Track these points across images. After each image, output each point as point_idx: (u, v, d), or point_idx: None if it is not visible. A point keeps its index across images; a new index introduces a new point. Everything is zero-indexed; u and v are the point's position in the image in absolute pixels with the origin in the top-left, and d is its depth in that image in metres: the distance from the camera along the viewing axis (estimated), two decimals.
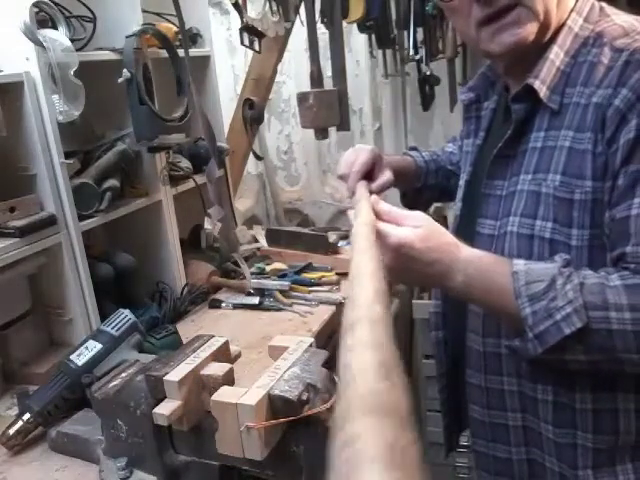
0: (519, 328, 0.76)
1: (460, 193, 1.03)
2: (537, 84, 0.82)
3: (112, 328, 1.16)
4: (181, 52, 1.62)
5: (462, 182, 1.03)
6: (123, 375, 1.01)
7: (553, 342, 0.73)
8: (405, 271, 0.78)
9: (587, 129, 0.78)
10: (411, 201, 1.24)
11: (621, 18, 0.83)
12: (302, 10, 1.86)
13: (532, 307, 0.74)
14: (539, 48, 0.84)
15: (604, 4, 0.86)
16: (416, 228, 0.77)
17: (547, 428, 0.87)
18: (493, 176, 0.91)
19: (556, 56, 0.83)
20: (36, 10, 1.27)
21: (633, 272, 0.74)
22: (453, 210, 1.08)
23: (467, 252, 0.79)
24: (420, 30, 2.13)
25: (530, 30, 0.80)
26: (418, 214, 0.79)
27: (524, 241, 0.83)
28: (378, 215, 0.79)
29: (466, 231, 0.93)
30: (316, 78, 1.87)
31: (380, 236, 0.75)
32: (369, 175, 1.01)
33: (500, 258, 0.81)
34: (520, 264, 0.77)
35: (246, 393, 0.80)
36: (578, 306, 0.71)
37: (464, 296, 0.82)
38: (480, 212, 0.92)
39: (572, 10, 0.84)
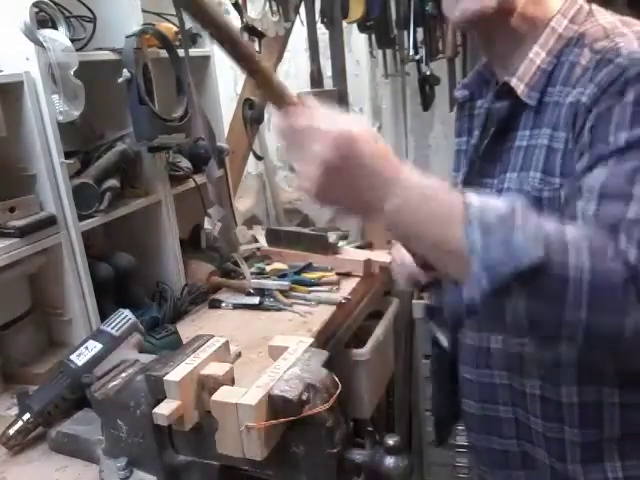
0: (461, 269, 0.62)
1: None
2: (514, 81, 0.84)
3: (112, 328, 1.16)
4: (181, 52, 1.62)
5: (457, 181, 1.02)
6: (123, 375, 1.01)
7: (506, 275, 0.59)
8: (339, 177, 0.63)
9: (561, 128, 0.80)
10: None
11: (606, 19, 0.84)
12: (302, 10, 1.86)
13: (485, 239, 0.60)
14: (514, 38, 0.86)
15: (595, 6, 0.87)
16: (359, 126, 0.63)
17: (536, 422, 0.89)
18: (483, 174, 0.92)
19: (536, 55, 0.84)
20: (36, 10, 1.27)
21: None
22: None
23: (410, 173, 0.65)
24: (420, 30, 2.13)
25: (486, 5, 0.81)
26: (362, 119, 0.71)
27: None
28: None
29: None
30: (316, 78, 1.88)
31: (321, 124, 0.63)
32: None
33: (446, 185, 0.67)
34: (474, 197, 0.64)
35: (246, 393, 0.80)
36: (540, 236, 0.60)
37: (395, 225, 0.66)
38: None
39: (558, 11, 0.86)
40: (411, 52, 2.16)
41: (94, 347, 1.13)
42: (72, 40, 1.33)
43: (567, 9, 0.86)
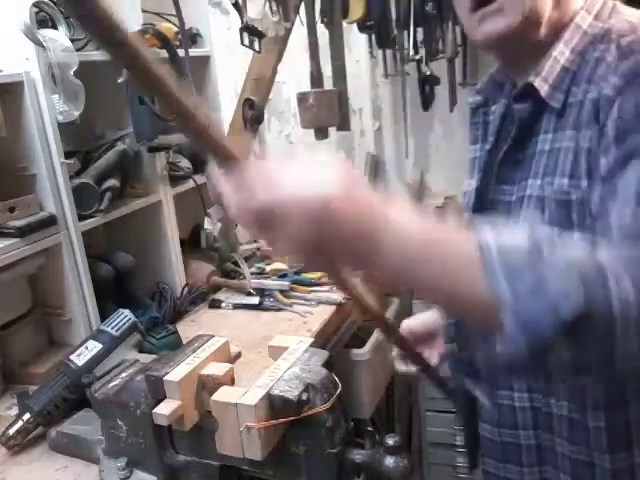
0: (489, 322, 0.54)
1: (469, 200, 0.96)
2: (538, 82, 0.80)
3: (112, 328, 1.16)
4: (181, 52, 1.62)
5: (470, 189, 0.97)
6: (123, 375, 1.01)
7: (549, 328, 0.52)
8: (321, 250, 0.54)
9: (585, 126, 0.75)
10: None
11: (633, 14, 0.80)
12: (302, 10, 1.86)
13: (512, 284, 0.52)
14: (539, 46, 0.81)
15: (617, 2, 0.83)
16: (329, 179, 0.53)
17: (562, 444, 0.83)
18: (501, 181, 0.86)
19: (560, 54, 0.80)
20: (36, 10, 1.27)
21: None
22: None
23: (402, 216, 0.56)
24: (420, 30, 2.13)
25: (512, 21, 0.77)
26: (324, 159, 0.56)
27: None
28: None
29: None
30: (316, 78, 1.87)
31: (274, 207, 0.52)
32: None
33: (451, 226, 0.58)
34: (486, 228, 0.56)
35: (246, 393, 0.80)
36: (573, 271, 0.52)
37: (399, 267, 0.56)
38: (487, 219, 0.86)
39: (581, 8, 0.81)
40: (411, 52, 2.16)
41: (94, 347, 1.13)
42: (72, 40, 1.33)
43: (591, 5, 0.81)
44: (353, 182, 0.54)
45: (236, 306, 1.69)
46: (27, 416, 1.09)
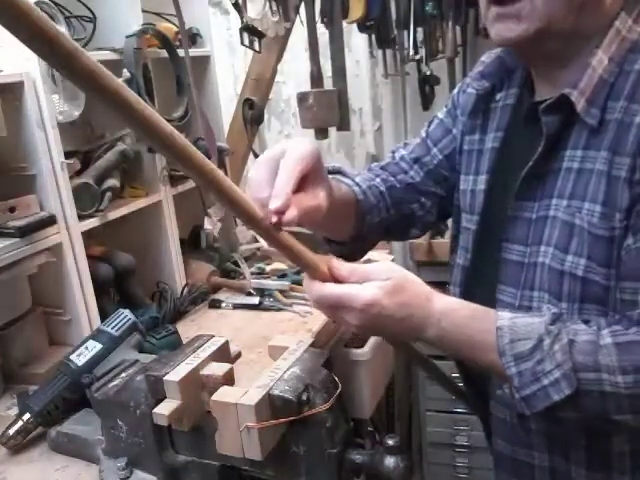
0: (502, 378, 0.71)
1: (475, 202, 0.91)
2: (575, 95, 0.72)
3: (112, 328, 1.16)
4: (181, 52, 1.62)
5: (475, 188, 0.91)
6: (123, 375, 1.01)
7: (541, 407, 0.67)
8: (376, 329, 0.72)
9: (626, 154, 0.68)
10: (349, 251, 0.95)
11: None
12: (302, 10, 1.86)
13: (518, 367, 0.67)
14: (572, 52, 0.75)
15: None
16: (384, 282, 0.68)
17: (580, 472, 0.81)
18: (522, 197, 0.80)
19: (599, 63, 0.72)
20: None
21: (626, 326, 0.67)
22: (462, 226, 0.95)
23: (441, 304, 0.71)
24: (420, 30, 2.13)
25: (527, 29, 0.72)
26: (383, 266, 0.70)
27: (555, 276, 0.75)
28: (338, 279, 0.69)
29: (487, 253, 0.86)
30: (316, 78, 1.87)
31: (344, 300, 0.67)
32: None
33: (479, 309, 0.72)
34: (505, 318, 0.69)
35: (246, 393, 0.80)
36: (567, 370, 0.65)
37: (441, 348, 0.73)
38: (506, 235, 0.82)
39: (622, 9, 0.73)
40: (411, 52, 2.16)
41: (94, 347, 1.13)
42: None
43: (631, 7, 0.73)
44: (402, 285, 0.70)
45: (236, 306, 1.69)
46: (27, 416, 1.09)
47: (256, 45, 1.85)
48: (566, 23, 0.72)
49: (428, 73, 2.22)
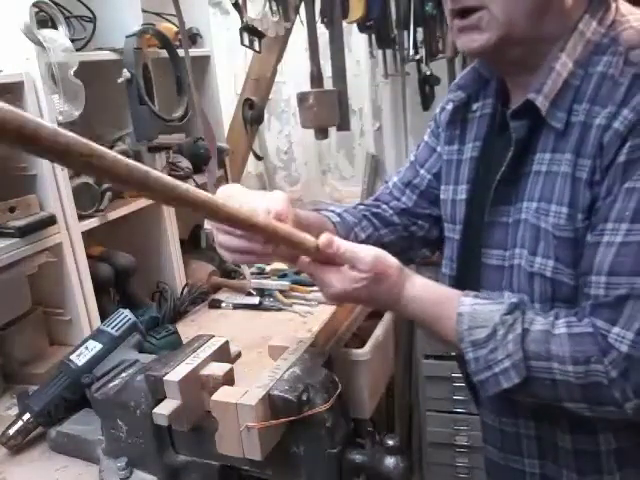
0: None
1: (457, 213, 0.92)
2: (540, 100, 0.73)
3: (112, 328, 1.16)
4: (181, 52, 1.62)
5: (455, 199, 0.92)
6: (123, 375, 1.01)
7: (493, 392, 0.73)
8: (356, 300, 0.82)
9: (587, 155, 0.70)
10: None
11: (638, 19, 0.73)
12: (302, 10, 1.86)
13: (475, 353, 0.74)
14: (538, 58, 0.76)
15: (620, 1, 0.76)
16: (365, 275, 0.77)
17: (571, 476, 0.83)
18: (497, 202, 0.82)
19: (563, 66, 0.73)
20: (36, 10, 1.27)
21: (580, 318, 0.70)
22: (446, 236, 0.97)
23: (409, 293, 0.79)
24: (420, 30, 2.13)
25: (489, 38, 0.73)
26: (369, 256, 0.77)
27: (527, 277, 0.77)
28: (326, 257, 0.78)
29: (470, 261, 0.88)
30: (316, 78, 1.87)
31: (325, 283, 0.79)
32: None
33: (443, 296, 0.80)
34: (466, 304, 0.76)
35: (246, 393, 0.80)
36: (517, 360, 0.71)
37: (406, 316, 0.83)
38: (485, 241, 0.84)
39: (585, 11, 0.74)
40: (411, 52, 2.16)
41: (94, 347, 1.13)
42: (72, 40, 1.33)
43: (595, 8, 0.73)
44: (379, 278, 0.78)
45: (236, 306, 1.69)
46: (27, 416, 1.09)
47: (256, 45, 1.85)
48: (527, 29, 0.73)
49: (428, 73, 2.21)
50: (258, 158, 2.49)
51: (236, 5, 1.74)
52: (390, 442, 0.80)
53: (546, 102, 0.73)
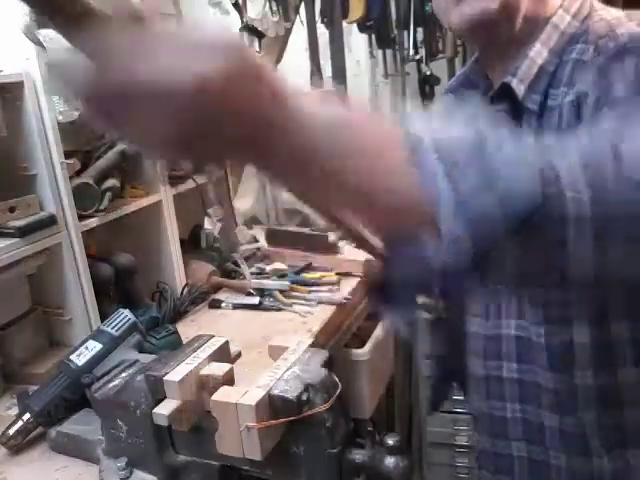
0: (424, 230, 0.43)
1: None
2: (515, 83, 0.78)
3: (112, 328, 1.16)
4: None
5: None
6: (123, 375, 1.01)
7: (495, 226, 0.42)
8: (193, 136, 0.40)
9: (567, 130, 0.72)
10: None
11: (610, 14, 0.78)
12: (302, 10, 1.86)
13: (455, 183, 0.42)
14: (515, 42, 0.80)
15: (596, 1, 0.81)
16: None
17: (558, 457, 0.83)
18: None
19: (537, 54, 0.78)
20: None
21: None
22: None
23: (305, 108, 0.42)
24: (420, 30, 2.14)
25: (489, 6, 0.75)
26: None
27: None
28: None
29: None
30: (316, 78, 1.87)
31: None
32: None
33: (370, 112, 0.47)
34: (417, 122, 0.45)
35: (246, 393, 0.80)
36: (524, 159, 0.43)
37: (297, 169, 0.43)
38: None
39: (559, 7, 0.79)
40: (411, 52, 2.16)
41: (94, 347, 1.13)
42: None
43: (569, 4, 0.79)
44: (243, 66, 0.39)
45: (236, 306, 1.69)
46: (27, 416, 1.09)
47: (256, 45, 1.85)
48: (523, 4, 0.77)
49: (428, 73, 2.22)
50: None
51: (236, 5, 1.75)
52: (390, 442, 0.80)
53: (522, 85, 0.77)
